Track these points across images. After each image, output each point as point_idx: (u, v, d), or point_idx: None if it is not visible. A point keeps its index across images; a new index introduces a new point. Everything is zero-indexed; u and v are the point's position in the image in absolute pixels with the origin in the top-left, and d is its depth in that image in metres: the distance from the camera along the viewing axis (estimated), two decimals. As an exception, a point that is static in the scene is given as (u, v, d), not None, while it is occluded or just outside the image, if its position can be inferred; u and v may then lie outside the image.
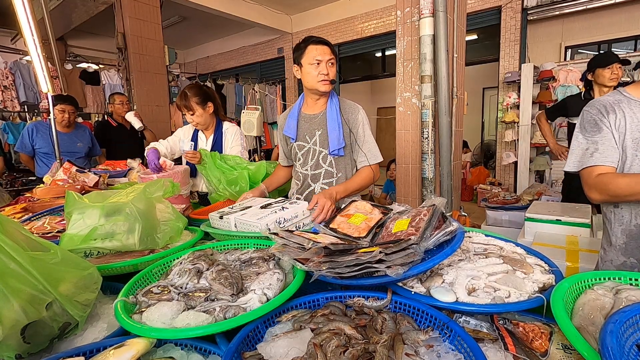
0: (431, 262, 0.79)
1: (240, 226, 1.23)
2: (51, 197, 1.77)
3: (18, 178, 4.45)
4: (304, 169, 1.73)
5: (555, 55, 5.43)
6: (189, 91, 2.09)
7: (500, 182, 5.71)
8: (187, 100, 2.07)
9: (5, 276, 0.65)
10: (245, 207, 1.36)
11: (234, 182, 1.65)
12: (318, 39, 1.58)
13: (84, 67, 5.10)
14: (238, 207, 1.37)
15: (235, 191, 1.64)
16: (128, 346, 0.66)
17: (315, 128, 1.67)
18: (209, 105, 2.14)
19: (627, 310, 0.58)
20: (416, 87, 2.89)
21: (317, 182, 1.71)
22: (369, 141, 1.65)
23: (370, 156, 1.64)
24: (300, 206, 1.30)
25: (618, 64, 2.49)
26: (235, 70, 8.82)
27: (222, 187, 1.65)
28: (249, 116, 5.61)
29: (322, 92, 1.60)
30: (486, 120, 8.14)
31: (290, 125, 1.71)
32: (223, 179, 1.65)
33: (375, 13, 6.44)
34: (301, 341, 0.69)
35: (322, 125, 1.66)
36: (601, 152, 1.12)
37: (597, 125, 1.13)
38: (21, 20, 2.22)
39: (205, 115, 2.14)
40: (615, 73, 2.49)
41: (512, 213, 3.02)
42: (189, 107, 2.08)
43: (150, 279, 0.96)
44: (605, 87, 2.55)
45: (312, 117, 1.69)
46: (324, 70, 1.56)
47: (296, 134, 1.71)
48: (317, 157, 1.69)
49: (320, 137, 1.66)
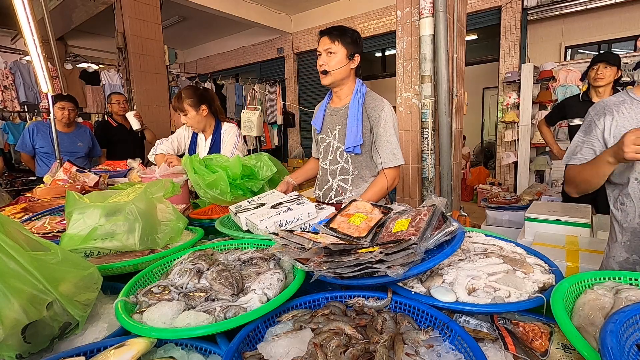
0: (431, 262, 0.79)
1: (249, 226, 1.24)
2: (51, 197, 1.77)
3: (18, 178, 4.45)
4: (324, 163, 1.72)
5: (555, 55, 5.43)
6: (183, 92, 2.08)
7: (500, 182, 5.71)
8: (180, 102, 2.06)
9: (5, 276, 0.65)
10: (261, 203, 1.36)
11: (213, 184, 1.61)
12: (321, 30, 1.55)
13: (84, 67, 5.10)
14: (255, 203, 1.38)
15: (217, 194, 1.61)
16: (128, 346, 0.66)
17: (337, 122, 1.63)
18: (202, 107, 2.09)
19: (627, 310, 0.58)
20: (416, 87, 2.89)
21: (334, 178, 1.68)
22: (390, 141, 1.54)
23: (386, 159, 1.53)
24: (306, 208, 1.25)
25: (604, 64, 2.46)
26: (235, 70, 8.82)
27: (203, 191, 1.63)
28: (249, 116, 5.61)
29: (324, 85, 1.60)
30: (486, 120, 8.15)
31: (317, 116, 1.70)
32: (202, 182, 1.63)
33: (375, 13, 6.44)
34: (301, 341, 0.69)
35: (343, 119, 1.60)
36: (583, 154, 1.20)
37: (590, 127, 1.20)
38: (21, 20, 2.22)
39: (198, 118, 2.10)
40: (600, 73, 2.46)
41: (512, 213, 3.02)
42: (181, 109, 2.07)
43: (151, 279, 0.96)
44: (595, 87, 2.54)
45: (336, 110, 1.64)
46: (320, 61, 1.53)
47: (321, 126, 1.69)
48: (335, 152, 1.66)
49: (339, 132, 1.61)
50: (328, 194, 1.70)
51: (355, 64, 1.56)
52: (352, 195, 1.60)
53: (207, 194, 1.62)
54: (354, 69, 1.58)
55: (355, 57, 1.54)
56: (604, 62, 2.46)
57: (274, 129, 7.58)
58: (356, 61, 1.56)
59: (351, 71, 1.58)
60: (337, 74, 1.54)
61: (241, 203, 1.41)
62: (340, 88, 1.61)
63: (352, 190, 1.63)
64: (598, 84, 2.49)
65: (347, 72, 1.56)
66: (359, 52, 1.55)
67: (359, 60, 1.56)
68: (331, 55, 1.51)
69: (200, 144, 2.25)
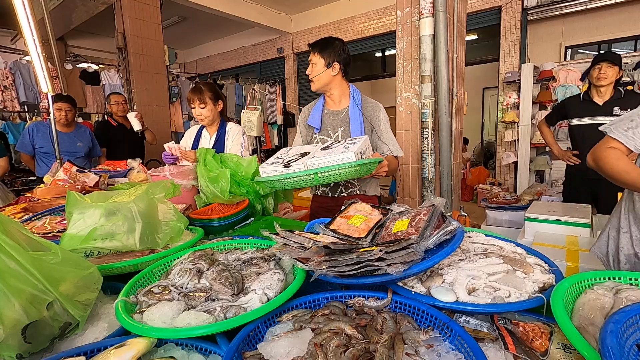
0: (431, 260, 0.79)
1: (311, 169, 1.31)
2: (51, 197, 1.77)
3: (18, 178, 4.45)
4: None
5: (555, 55, 5.43)
6: (204, 86, 2.17)
7: (500, 182, 5.71)
8: (202, 93, 2.13)
9: (6, 276, 0.65)
10: (301, 153, 1.43)
11: (215, 180, 1.67)
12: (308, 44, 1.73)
13: (84, 67, 5.10)
14: (291, 156, 1.45)
15: (217, 190, 1.65)
16: (129, 346, 0.66)
17: (338, 124, 1.76)
18: (219, 103, 2.23)
19: (627, 310, 0.58)
20: (416, 87, 2.90)
21: None
22: (392, 136, 1.75)
23: (393, 148, 1.74)
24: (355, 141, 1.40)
25: (607, 63, 2.44)
26: (235, 70, 8.82)
27: (205, 185, 1.68)
28: (249, 116, 5.62)
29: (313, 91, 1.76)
30: (486, 120, 8.15)
31: (315, 117, 1.80)
32: (206, 175, 1.68)
33: (375, 13, 6.44)
34: (302, 341, 0.69)
35: (345, 122, 1.75)
36: (634, 134, 1.08)
37: None
38: (21, 20, 2.22)
39: (214, 112, 2.21)
40: (603, 72, 2.44)
41: (512, 213, 3.02)
42: (202, 100, 2.14)
43: (151, 279, 0.96)
44: (597, 86, 2.51)
45: (336, 113, 1.78)
46: (307, 71, 1.72)
47: (320, 126, 1.79)
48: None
49: (342, 134, 1.74)
50: (336, 189, 1.80)
51: (336, 71, 1.69)
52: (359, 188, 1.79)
53: (208, 188, 1.66)
54: (336, 75, 1.71)
55: (334, 65, 1.68)
56: (607, 61, 2.43)
57: (274, 129, 7.58)
58: (336, 68, 1.69)
59: (333, 77, 1.71)
60: (318, 81, 1.71)
61: (270, 165, 1.44)
62: (330, 92, 1.76)
63: (357, 185, 1.78)
64: (600, 83, 2.47)
65: (328, 78, 1.70)
66: (339, 60, 1.68)
67: (338, 67, 1.69)
68: (313, 66, 1.70)
69: (203, 141, 2.28)
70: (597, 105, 2.51)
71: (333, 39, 1.71)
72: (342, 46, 1.70)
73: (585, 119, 2.57)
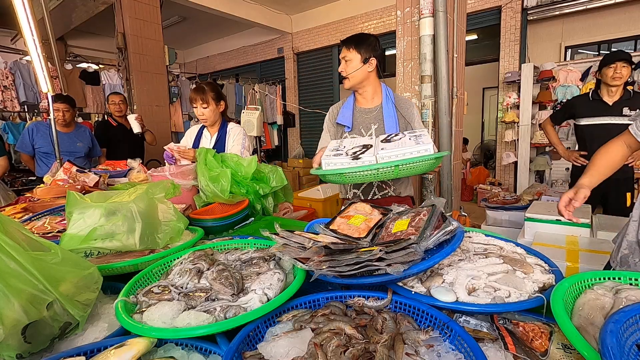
0: (431, 260, 0.79)
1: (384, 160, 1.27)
2: (51, 197, 1.76)
3: (18, 178, 4.45)
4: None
5: (555, 55, 5.43)
6: (206, 86, 2.17)
7: (500, 182, 5.71)
8: (205, 93, 2.13)
9: (6, 276, 0.65)
10: (364, 145, 1.38)
11: (215, 179, 1.66)
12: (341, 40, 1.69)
13: (84, 67, 5.10)
14: (351, 147, 1.39)
15: (219, 189, 1.64)
16: (129, 346, 0.66)
17: (371, 122, 1.71)
18: (222, 103, 2.23)
19: (627, 310, 0.58)
20: (416, 87, 2.89)
21: None
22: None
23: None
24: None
25: (622, 63, 2.39)
26: (235, 70, 8.82)
27: (205, 184, 1.67)
28: (249, 116, 5.62)
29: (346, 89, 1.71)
30: (486, 120, 8.15)
31: (345, 115, 1.75)
32: (207, 174, 1.67)
33: (375, 13, 6.44)
34: (302, 341, 0.69)
35: (378, 119, 1.70)
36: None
37: None
38: (21, 20, 2.22)
39: (216, 112, 2.21)
40: (619, 72, 2.40)
41: (512, 213, 3.02)
42: (205, 100, 2.13)
43: (151, 279, 0.96)
44: (610, 86, 2.46)
45: (368, 110, 1.74)
46: (340, 68, 1.67)
47: (352, 124, 1.74)
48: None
49: (376, 131, 1.69)
50: (369, 191, 1.75)
51: (372, 66, 1.66)
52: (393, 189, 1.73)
53: (209, 187, 1.66)
54: (372, 71, 1.67)
55: (371, 60, 1.64)
56: (623, 60, 2.38)
57: (274, 129, 7.58)
58: (372, 64, 1.65)
59: (369, 74, 1.67)
60: (354, 78, 1.66)
61: (334, 157, 1.36)
62: (364, 89, 1.71)
63: (392, 186, 1.74)
64: (616, 83, 2.41)
65: (364, 74, 1.66)
66: (375, 55, 1.65)
67: (375, 63, 1.66)
68: (347, 62, 1.64)
69: (204, 141, 2.28)
70: (607, 105, 2.48)
71: (366, 34, 1.67)
72: (377, 41, 1.66)
73: (595, 118, 2.53)
